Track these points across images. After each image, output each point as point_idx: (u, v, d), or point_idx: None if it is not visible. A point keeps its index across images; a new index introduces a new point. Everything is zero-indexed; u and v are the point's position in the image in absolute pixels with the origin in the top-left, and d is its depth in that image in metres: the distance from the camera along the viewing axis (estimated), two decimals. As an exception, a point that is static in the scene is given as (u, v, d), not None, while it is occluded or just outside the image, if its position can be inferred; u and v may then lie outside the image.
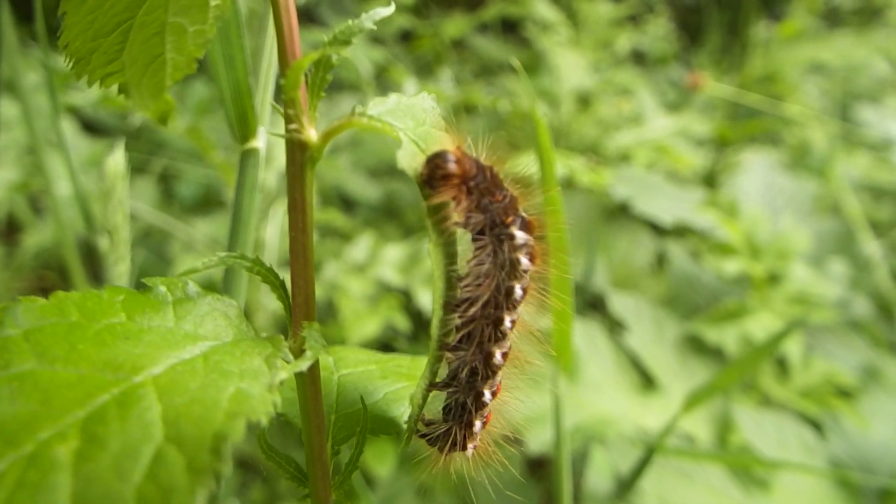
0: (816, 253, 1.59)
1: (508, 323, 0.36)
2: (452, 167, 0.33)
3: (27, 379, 0.29)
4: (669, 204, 1.68)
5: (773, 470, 1.04)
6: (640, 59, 2.96)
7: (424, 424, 0.40)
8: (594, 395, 1.17)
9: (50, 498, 0.26)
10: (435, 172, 0.33)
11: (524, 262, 0.35)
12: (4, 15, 0.90)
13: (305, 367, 0.34)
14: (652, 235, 1.85)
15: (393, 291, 1.45)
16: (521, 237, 0.35)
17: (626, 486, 0.95)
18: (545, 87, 2.19)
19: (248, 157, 0.50)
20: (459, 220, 0.34)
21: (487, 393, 0.38)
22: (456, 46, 2.67)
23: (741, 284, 1.55)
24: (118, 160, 0.59)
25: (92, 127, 2.05)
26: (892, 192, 1.99)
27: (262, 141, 0.49)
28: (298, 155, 0.34)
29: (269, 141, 0.52)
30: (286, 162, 0.34)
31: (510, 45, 2.75)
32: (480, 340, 0.36)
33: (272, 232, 1.31)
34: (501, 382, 0.39)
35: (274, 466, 0.39)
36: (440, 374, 0.38)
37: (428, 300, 1.38)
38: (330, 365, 0.45)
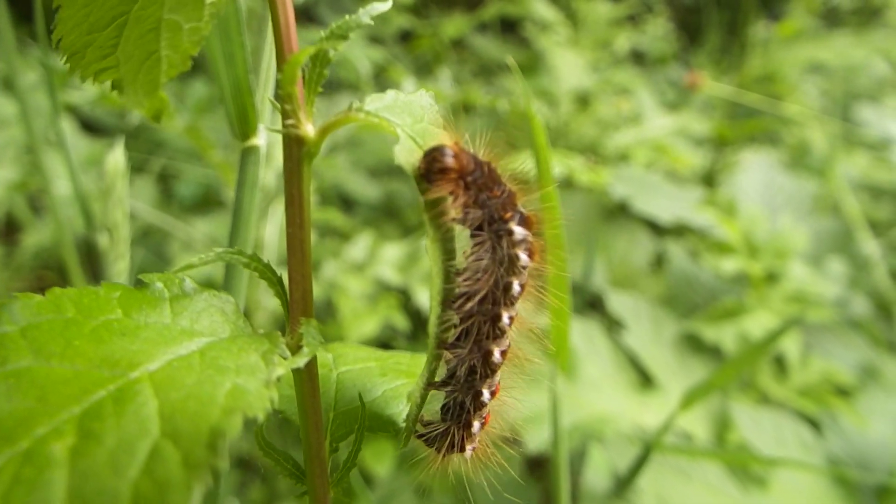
0: (815, 252, 1.59)
1: (507, 319, 0.36)
2: (450, 161, 0.33)
3: (24, 375, 0.29)
4: (668, 203, 1.68)
5: (770, 467, 1.04)
6: (639, 58, 2.96)
7: (423, 424, 0.40)
8: (592, 393, 1.17)
9: (46, 494, 0.26)
10: (432, 166, 0.33)
11: (523, 258, 0.35)
12: (3, 14, 0.90)
13: (302, 363, 0.34)
14: (650, 235, 1.85)
15: (392, 290, 1.45)
16: (519, 233, 0.34)
17: (624, 484, 0.95)
18: (544, 86, 2.19)
19: (248, 154, 0.50)
20: (457, 215, 0.34)
21: (486, 392, 0.38)
22: (455, 46, 2.66)
23: (739, 283, 1.55)
24: (118, 158, 0.58)
25: (90, 126, 2.05)
26: (891, 191, 1.99)
27: (262, 139, 0.49)
28: (295, 150, 0.34)
29: (267, 140, 0.52)
30: (283, 157, 0.34)
31: (509, 44, 2.75)
32: (478, 338, 0.36)
33: (271, 231, 1.31)
34: (500, 382, 0.39)
35: (272, 463, 0.39)
36: (439, 373, 0.38)
37: (426, 299, 1.38)
38: (329, 362, 0.45)
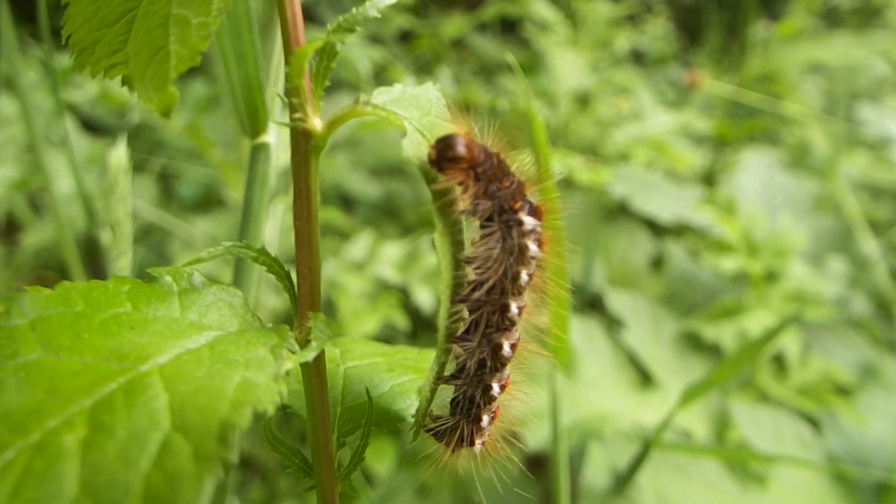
0: (815, 251, 1.60)
1: (515, 309, 0.36)
2: (462, 150, 0.33)
3: (33, 368, 0.29)
4: (668, 202, 1.68)
5: (769, 464, 1.04)
6: (639, 58, 2.96)
7: (432, 419, 0.39)
8: (592, 392, 1.17)
9: (57, 486, 0.26)
10: (445, 153, 0.33)
11: (532, 247, 0.35)
12: (4, 14, 0.90)
13: (311, 357, 0.34)
14: (650, 235, 1.85)
15: (392, 289, 1.45)
16: (529, 223, 0.35)
17: (623, 481, 0.95)
18: (544, 86, 2.19)
19: (258, 151, 0.50)
20: (467, 206, 0.34)
21: (496, 386, 0.38)
22: (455, 46, 2.67)
23: (739, 282, 1.55)
24: (121, 155, 0.58)
25: (90, 125, 2.04)
26: (891, 191, 1.99)
27: (272, 136, 0.49)
28: (303, 144, 0.34)
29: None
30: (291, 151, 0.34)
31: (509, 44, 2.75)
32: (487, 330, 0.36)
33: (272, 229, 1.31)
34: (509, 376, 0.39)
35: (280, 457, 0.39)
36: (448, 367, 0.38)
37: (425, 298, 1.38)
38: (336, 357, 0.45)
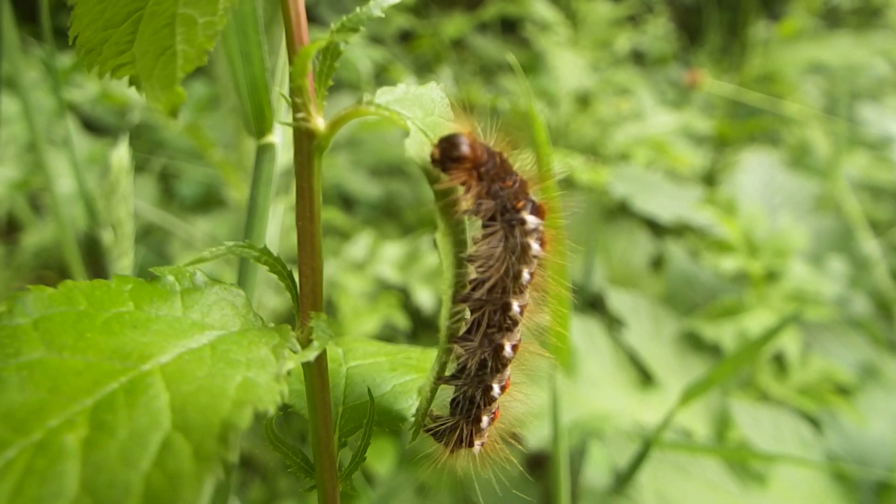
0: (815, 251, 1.60)
1: (517, 308, 0.36)
2: (466, 149, 0.33)
3: (36, 367, 0.30)
4: (668, 202, 1.68)
5: (769, 463, 1.04)
6: (639, 59, 2.96)
7: (432, 419, 0.39)
8: (592, 391, 1.17)
9: (58, 485, 0.26)
10: (449, 153, 0.33)
11: (535, 247, 0.35)
12: (6, 14, 0.90)
13: (312, 356, 0.34)
14: (650, 235, 1.85)
15: (392, 289, 1.45)
16: (532, 222, 0.35)
17: (623, 480, 0.95)
18: (544, 87, 2.19)
19: (263, 151, 0.50)
20: (470, 206, 0.34)
21: (496, 387, 0.38)
22: (455, 46, 2.67)
23: (739, 282, 1.55)
24: (122, 154, 0.58)
25: (91, 125, 2.04)
26: (891, 191, 1.99)
27: (278, 136, 0.49)
28: (306, 143, 0.34)
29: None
30: (294, 150, 0.34)
31: (509, 45, 2.75)
32: (489, 330, 0.36)
33: (272, 230, 1.31)
34: (510, 377, 0.39)
35: (281, 457, 0.39)
36: (449, 367, 0.38)
37: (426, 298, 1.38)
38: (339, 356, 0.45)
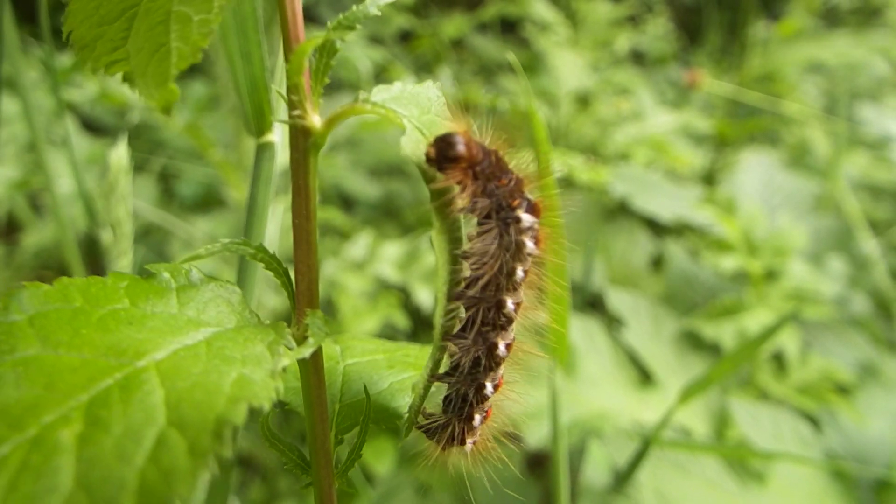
0: (815, 251, 1.60)
1: (511, 306, 0.36)
2: (461, 149, 0.33)
3: (31, 363, 0.30)
4: (668, 201, 1.68)
5: (768, 462, 1.04)
6: (639, 59, 2.96)
7: (424, 416, 0.39)
8: (592, 390, 1.17)
9: (53, 480, 0.26)
10: (445, 152, 0.33)
11: (529, 245, 0.35)
12: (5, 14, 0.90)
13: (308, 353, 0.34)
14: (650, 234, 1.85)
15: (392, 289, 1.45)
16: (527, 220, 0.35)
17: (622, 478, 0.95)
18: (544, 87, 2.19)
19: (263, 150, 0.50)
20: (465, 205, 0.34)
21: (489, 385, 0.38)
22: (455, 46, 2.67)
23: (738, 281, 1.55)
24: (121, 155, 0.59)
25: (90, 125, 2.05)
26: (891, 190, 1.99)
27: (277, 135, 0.49)
28: (302, 141, 0.34)
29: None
30: (290, 148, 0.34)
31: (509, 45, 2.75)
32: (483, 328, 0.36)
33: (272, 229, 1.31)
34: (503, 376, 0.39)
35: (277, 454, 0.39)
36: (443, 365, 0.38)
37: (425, 297, 1.38)
38: (336, 354, 0.45)
